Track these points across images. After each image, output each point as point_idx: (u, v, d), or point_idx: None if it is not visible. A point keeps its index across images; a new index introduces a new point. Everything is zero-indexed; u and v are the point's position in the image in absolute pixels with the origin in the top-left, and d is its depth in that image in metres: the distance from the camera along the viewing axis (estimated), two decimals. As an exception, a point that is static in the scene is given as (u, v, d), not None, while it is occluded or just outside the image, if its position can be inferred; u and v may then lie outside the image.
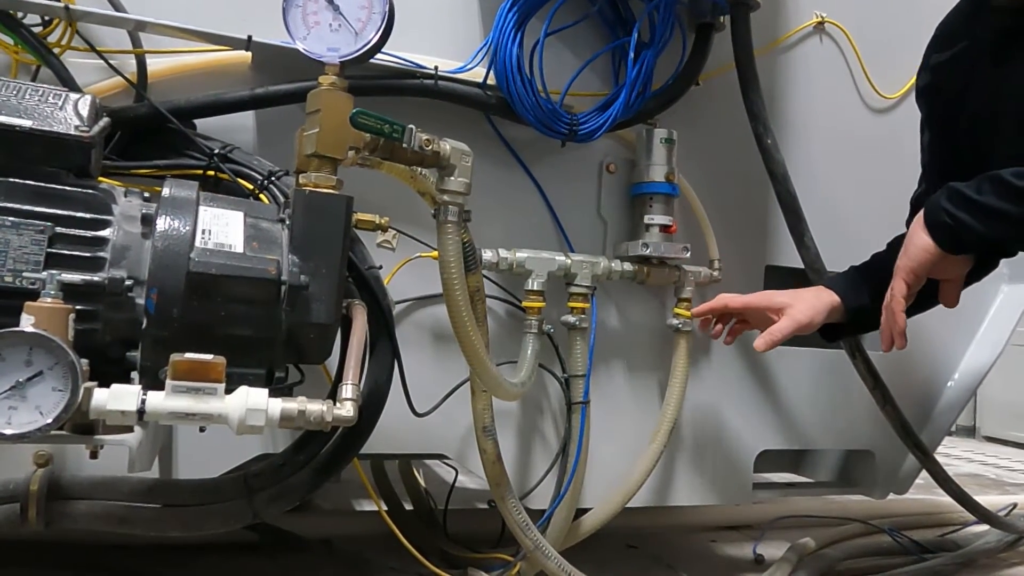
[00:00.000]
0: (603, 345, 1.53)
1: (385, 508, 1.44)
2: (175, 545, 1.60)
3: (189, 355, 0.81)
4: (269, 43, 1.20)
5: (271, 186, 1.11)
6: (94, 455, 0.93)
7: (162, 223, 0.88)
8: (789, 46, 1.72)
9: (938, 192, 1.19)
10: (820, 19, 1.73)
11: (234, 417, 0.81)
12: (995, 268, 1.40)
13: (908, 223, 1.44)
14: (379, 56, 1.07)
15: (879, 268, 1.39)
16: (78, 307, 0.82)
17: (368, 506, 1.97)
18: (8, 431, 0.75)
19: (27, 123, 0.87)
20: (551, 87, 1.39)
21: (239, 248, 0.90)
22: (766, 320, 1.38)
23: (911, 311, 1.27)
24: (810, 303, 1.34)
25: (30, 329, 0.76)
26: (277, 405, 0.84)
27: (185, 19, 1.17)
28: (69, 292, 0.82)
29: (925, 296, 1.29)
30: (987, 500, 2.04)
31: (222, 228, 0.91)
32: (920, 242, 1.20)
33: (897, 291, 1.22)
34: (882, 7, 1.80)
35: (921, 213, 1.22)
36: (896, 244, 1.45)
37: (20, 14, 1.11)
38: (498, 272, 1.41)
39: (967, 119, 1.29)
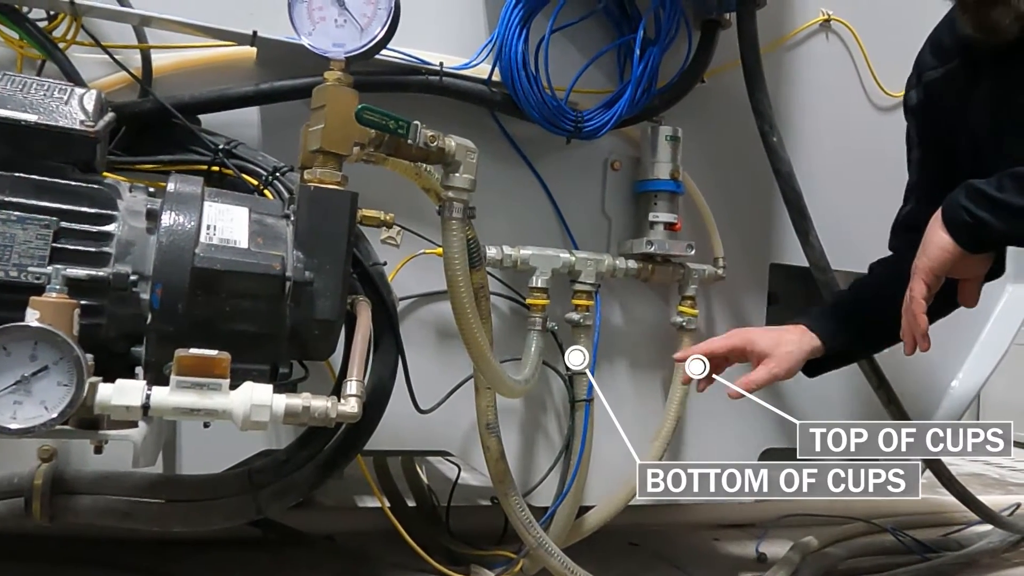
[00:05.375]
0: (607, 343, 1.53)
1: (388, 504, 1.44)
2: (178, 540, 1.60)
3: (194, 350, 0.81)
4: (274, 39, 1.20)
5: (276, 182, 1.11)
6: (98, 450, 0.93)
7: (167, 218, 0.88)
8: (795, 44, 1.71)
9: (956, 191, 1.15)
10: (826, 16, 1.73)
11: (238, 413, 0.81)
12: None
13: (891, 243, 1.43)
14: (384, 52, 1.07)
15: (859, 300, 1.38)
16: (83, 302, 0.82)
17: (371, 502, 1.97)
18: (13, 425, 0.75)
19: (32, 117, 0.87)
20: (556, 84, 1.38)
21: (244, 244, 0.90)
22: (746, 360, 1.33)
23: (931, 317, 1.24)
24: (792, 354, 1.28)
25: (35, 324, 0.76)
26: (281, 401, 0.84)
27: (190, 14, 1.17)
28: (74, 287, 0.82)
29: (945, 300, 1.26)
30: (990, 500, 2.03)
31: (227, 224, 0.91)
32: (940, 241, 1.15)
33: (917, 292, 1.17)
34: (888, 5, 1.80)
35: (939, 212, 1.17)
36: (875, 268, 1.44)
37: (25, 8, 1.11)
38: (502, 269, 1.41)
39: (967, 134, 1.26)
